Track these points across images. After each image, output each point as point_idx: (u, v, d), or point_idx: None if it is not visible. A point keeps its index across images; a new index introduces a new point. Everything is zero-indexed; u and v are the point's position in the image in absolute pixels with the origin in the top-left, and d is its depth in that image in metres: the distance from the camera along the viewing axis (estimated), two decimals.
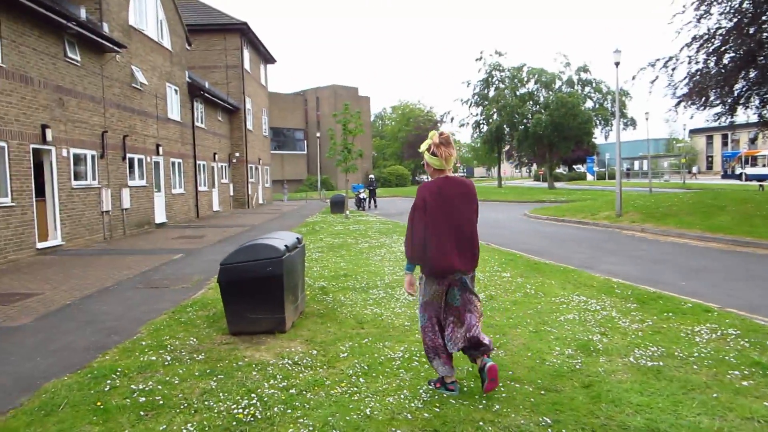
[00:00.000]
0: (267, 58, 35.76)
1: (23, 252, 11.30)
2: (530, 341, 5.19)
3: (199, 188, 23.32)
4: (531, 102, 45.03)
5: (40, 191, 12.70)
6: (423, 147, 4.01)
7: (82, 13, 14.00)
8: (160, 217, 18.77)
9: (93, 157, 14.29)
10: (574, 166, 74.89)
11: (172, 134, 20.12)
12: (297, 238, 6.28)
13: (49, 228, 12.63)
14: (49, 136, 12.10)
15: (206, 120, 24.61)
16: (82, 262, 10.90)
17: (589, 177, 69.27)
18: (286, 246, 5.68)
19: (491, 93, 47.51)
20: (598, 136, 47.62)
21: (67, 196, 13.04)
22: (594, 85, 44.02)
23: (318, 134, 48.39)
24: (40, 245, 11.93)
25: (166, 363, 4.71)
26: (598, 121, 43.85)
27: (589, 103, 44.23)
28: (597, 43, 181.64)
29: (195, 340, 5.44)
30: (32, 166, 11.70)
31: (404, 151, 69.32)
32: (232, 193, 29.04)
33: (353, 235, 14.72)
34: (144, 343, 5.38)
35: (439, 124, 64.16)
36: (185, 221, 21.14)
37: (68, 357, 5.06)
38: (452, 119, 67.20)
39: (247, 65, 30.03)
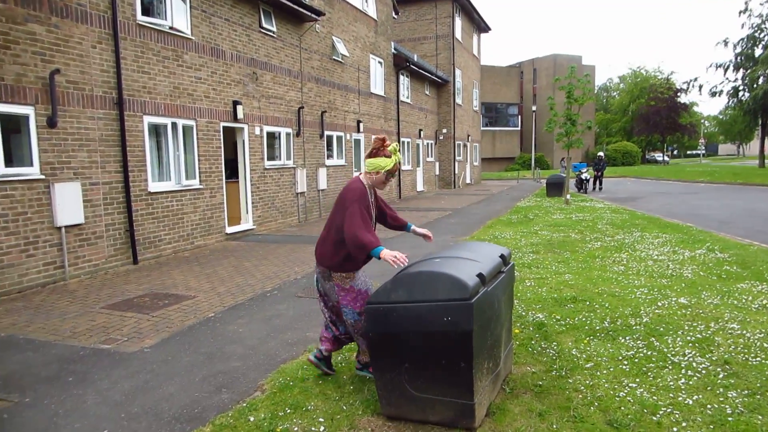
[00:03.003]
0: (481, 27, 33.08)
1: (212, 237, 10.68)
2: None
3: (402, 167, 21.92)
4: None
5: (233, 173, 12.15)
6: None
7: None
8: None
9: (288, 135, 13.41)
10: None
11: (374, 110, 18.86)
12: (501, 256, 3.71)
13: (241, 211, 12.00)
14: (240, 114, 11.30)
15: (412, 94, 23.06)
16: (261, 251, 9.80)
17: None
18: (479, 276, 3.16)
19: (758, 52, 37.94)
20: None
21: (259, 178, 12.28)
22: None
23: (534, 108, 44.29)
24: (229, 229, 11.27)
25: None
26: None
27: None
28: None
29: (325, 426, 3.28)
30: (222, 146, 10.99)
31: (634, 126, 60.74)
32: (437, 173, 27.32)
33: (577, 227, 11.52)
34: (252, 419, 3.40)
35: (680, 94, 54.54)
36: (386, 202, 19.87)
37: None
38: (700, 87, 56.05)
39: (458, 34, 27.77)
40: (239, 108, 11.27)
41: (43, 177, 7.45)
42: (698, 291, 6.01)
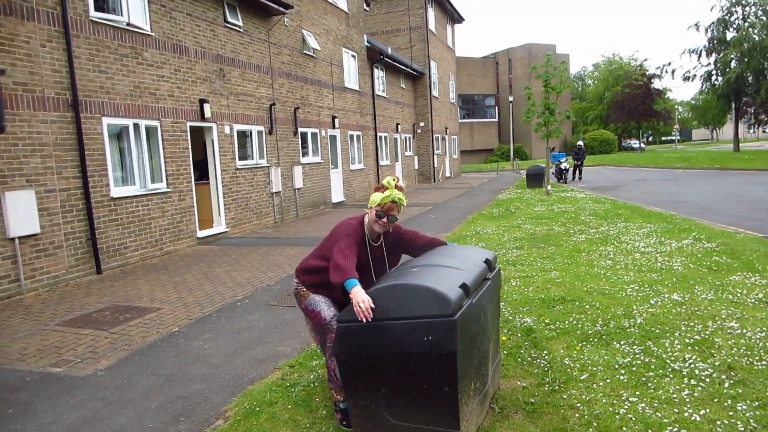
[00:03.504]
0: (454, 18, 32.77)
1: (182, 242, 10.19)
2: None
3: (381, 162, 21.55)
4: None
5: (203, 174, 11.66)
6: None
7: None
8: (337, 195, 17.27)
9: (260, 133, 12.93)
10: None
11: (349, 105, 18.42)
12: (486, 261, 3.36)
13: (213, 214, 11.51)
14: (207, 112, 10.79)
15: (387, 88, 22.65)
16: (234, 255, 9.35)
17: None
18: (463, 287, 2.81)
19: (730, 35, 38.23)
20: None
21: (231, 178, 11.79)
22: None
23: (511, 99, 44.25)
24: (201, 233, 10.78)
25: None
26: None
27: None
28: None
29: None
30: (189, 146, 10.49)
31: (610, 114, 61.13)
32: (416, 167, 27.00)
33: (560, 219, 11.28)
34: None
35: (654, 80, 54.97)
36: (365, 199, 19.50)
37: None
38: (673, 72, 56.52)
39: (431, 25, 27.41)
40: (206, 106, 10.77)
41: None
42: (691, 286, 5.75)
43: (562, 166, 24.21)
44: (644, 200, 14.82)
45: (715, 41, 39.25)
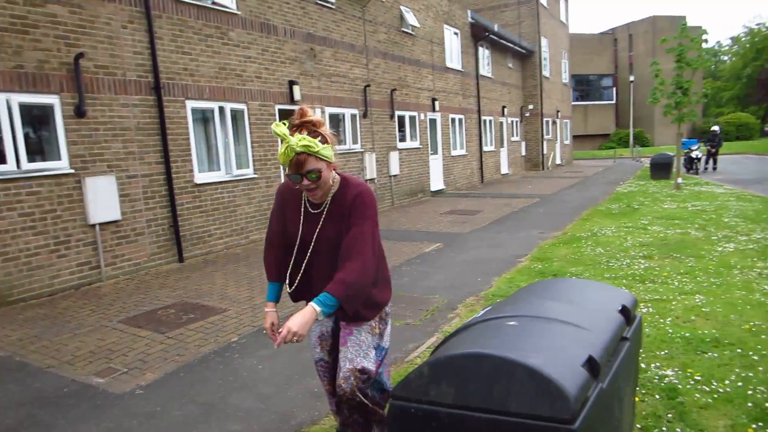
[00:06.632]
0: None
1: None
2: None
3: (484, 148, 20.18)
4: None
5: None
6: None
7: None
8: (436, 183, 16.25)
9: (353, 116, 12.22)
10: None
11: (451, 86, 17.24)
12: (623, 309, 2.24)
13: None
14: (297, 94, 10.22)
15: (493, 67, 21.13)
16: None
17: None
18: (589, 364, 1.75)
19: None
20: None
21: None
22: None
23: (631, 79, 40.33)
24: None
25: None
26: None
27: None
28: None
29: None
30: None
31: (751, 94, 54.21)
32: (524, 153, 25.22)
33: (697, 220, 9.48)
34: None
35: None
36: (466, 187, 18.32)
37: None
38: None
39: None
40: (296, 88, 10.20)
41: (72, 171, 6.74)
42: None
43: (693, 155, 21.38)
44: None
45: None
